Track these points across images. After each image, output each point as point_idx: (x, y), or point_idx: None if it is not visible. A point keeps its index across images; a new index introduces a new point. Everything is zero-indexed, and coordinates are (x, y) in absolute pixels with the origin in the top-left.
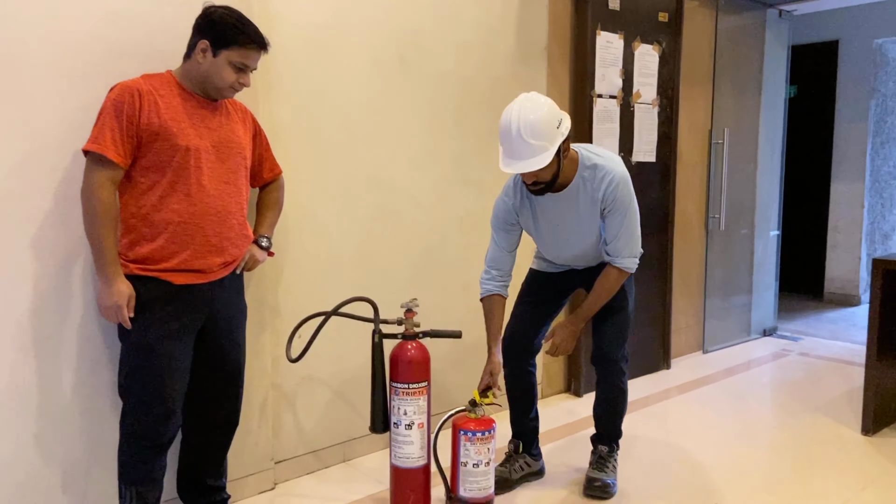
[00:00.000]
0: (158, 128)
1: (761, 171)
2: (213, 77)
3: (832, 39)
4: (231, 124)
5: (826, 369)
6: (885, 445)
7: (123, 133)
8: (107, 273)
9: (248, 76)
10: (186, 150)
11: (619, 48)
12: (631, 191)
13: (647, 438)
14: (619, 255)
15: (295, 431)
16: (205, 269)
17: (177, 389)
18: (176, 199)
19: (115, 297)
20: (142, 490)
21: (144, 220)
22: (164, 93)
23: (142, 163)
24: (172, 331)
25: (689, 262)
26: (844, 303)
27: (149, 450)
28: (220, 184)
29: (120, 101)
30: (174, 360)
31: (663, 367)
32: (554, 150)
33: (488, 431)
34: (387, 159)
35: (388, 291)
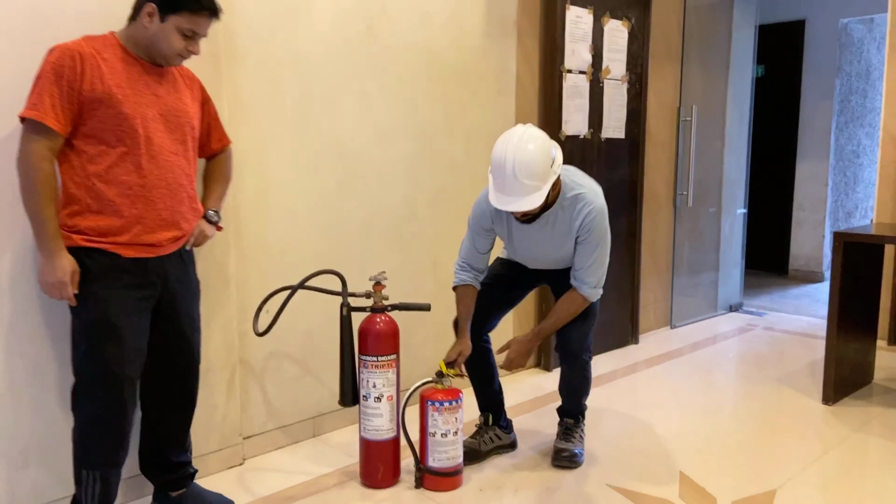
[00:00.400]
0: (102, 94)
1: (728, 150)
2: (160, 43)
3: (799, 19)
4: (178, 92)
5: (789, 342)
6: (844, 414)
7: (64, 99)
8: (49, 247)
9: (197, 44)
10: (133, 118)
11: (588, 23)
12: (607, 224)
13: (615, 410)
14: (585, 282)
15: (263, 406)
16: (155, 244)
17: (137, 365)
18: (124, 170)
19: (58, 273)
20: (105, 474)
21: (90, 191)
22: (107, 56)
23: (83, 130)
24: (130, 305)
25: (657, 239)
26: (808, 279)
27: (112, 432)
28: (170, 155)
29: (60, 66)
30: (133, 334)
31: (631, 342)
32: (547, 189)
33: (455, 401)
34: (353, 131)
35: (355, 266)
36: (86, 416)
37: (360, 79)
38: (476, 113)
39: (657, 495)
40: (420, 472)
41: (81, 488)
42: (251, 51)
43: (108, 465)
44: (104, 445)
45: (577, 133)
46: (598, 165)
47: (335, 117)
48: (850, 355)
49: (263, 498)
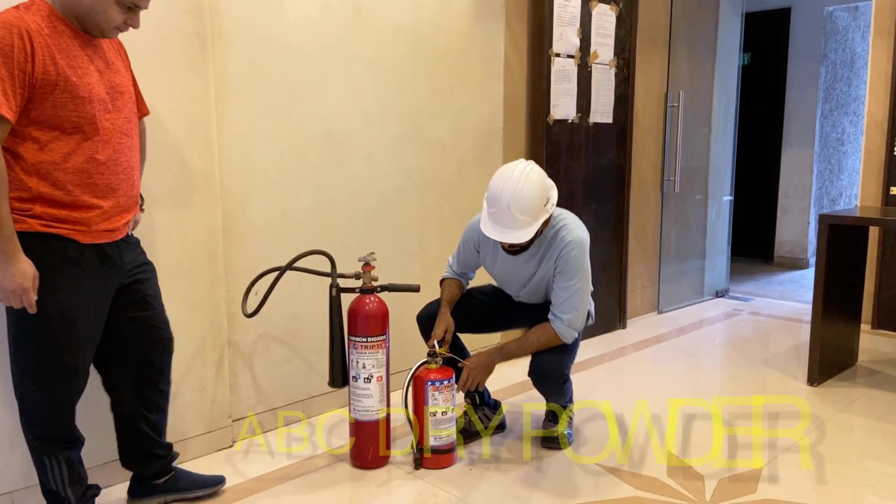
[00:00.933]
0: (56, 77)
1: (715, 136)
2: (97, 16)
3: (784, 7)
4: (115, 63)
5: (775, 327)
6: (828, 395)
7: (15, 83)
8: (6, 250)
9: (137, 17)
10: (90, 101)
11: (576, 7)
12: (587, 261)
13: (603, 392)
14: (559, 318)
15: (252, 388)
16: (113, 229)
17: (89, 354)
18: (82, 157)
19: (18, 279)
20: (70, 455)
21: (44, 179)
22: (50, 31)
23: (33, 115)
24: (87, 295)
25: (644, 225)
26: (793, 266)
27: (67, 419)
28: (121, 136)
29: (7, 45)
30: (90, 325)
31: (619, 326)
32: (537, 226)
33: (451, 379)
34: (340, 113)
35: (343, 247)
36: (40, 409)
37: (347, 60)
38: (464, 96)
39: (646, 474)
40: (420, 454)
41: (48, 475)
42: (237, 31)
43: (68, 448)
44: (62, 432)
45: (565, 117)
46: (585, 150)
47: (322, 99)
48: (835, 338)
49: (253, 479)
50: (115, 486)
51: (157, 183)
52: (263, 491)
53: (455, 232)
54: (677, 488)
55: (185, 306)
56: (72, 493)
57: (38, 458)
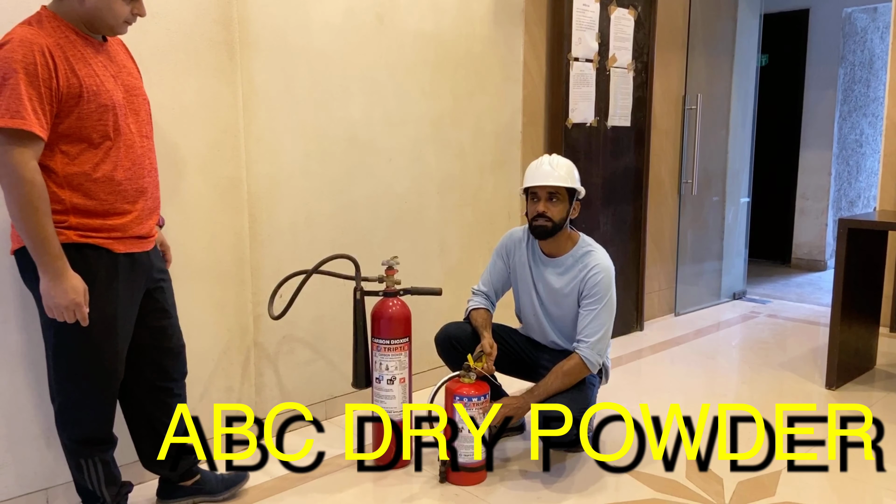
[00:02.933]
0: (79, 88)
1: (733, 138)
2: (104, 14)
3: (803, 8)
4: (126, 66)
5: (793, 329)
6: (847, 398)
7: (44, 102)
8: (55, 268)
9: (142, 4)
10: (113, 108)
11: (595, 11)
12: (613, 288)
13: (621, 394)
14: (585, 342)
15: (277, 389)
16: (143, 235)
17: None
18: (111, 164)
19: (71, 295)
20: (106, 457)
21: (76, 191)
22: (64, 42)
23: (61, 129)
24: (124, 301)
25: (662, 227)
26: (811, 268)
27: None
28: (142, 139)
29: (31, 63)
30: (126, 329)
31: (636, 328)
32: (573, 185)
33: (484, 396)
34: (362, 118)
35: (365, 252)
36: (79, 416)
37: (370, 66)
38: (484, 100)
39: (664, 476)
40: (445, 467)
41: (84, 475)
42: (265, 40)
43: (105, 450)
44: (100, 434)
45: (583, 121)
46: (603, 153)
47: (345, 104)
48: (853, 341)
49: (278, 478)
50: (146, 484)
51: (188, 188)
52: (288, 490)
53: (475, 234)
54: (696, 490)
55: (212, 308)
56: (107, 493)
57: (74, 459)
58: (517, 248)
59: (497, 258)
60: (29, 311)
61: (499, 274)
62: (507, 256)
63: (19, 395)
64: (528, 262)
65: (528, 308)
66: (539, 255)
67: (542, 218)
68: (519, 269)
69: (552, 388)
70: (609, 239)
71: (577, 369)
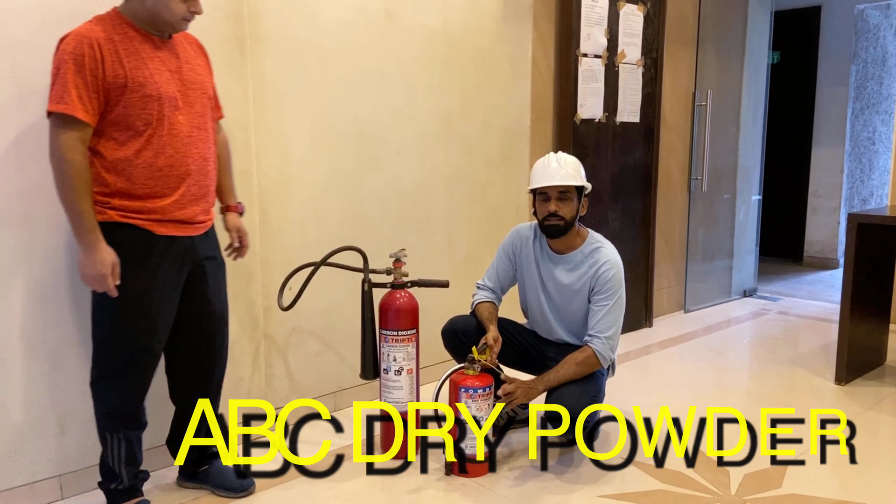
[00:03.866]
0: (125, 79)
1: (743, 135)
2: (162, 12)
3: (814, 5)
4: (191, 62)
5: (803, 326)
6: (856, 394)
7: (90, 89)
8: (87, 240)
9: (198, 2)
10: (159, 99)
11: (604, 7)
12: (622, 282)
13: (629, 388)
14: (599, 334)
15: (287, 380)
16: (186, 220)
17: (163, 338)
18: (152, 152)
19: (99, 266)
20: (130, 435)
21: (121, 175)
22: (120, 37)
23: (110, 117)
24: (160, 280)
25: (671, 224)
26: (823, 266)
27: (134, 400)
28: (193, 129)
29: (80, 55)
30: (163, 308)
31: (645, 325)
32: (580, 183)
33: (488, 388)
34: (371, 113)
35: (373, 245)
36: (108, 385)
37: (379, 62)
38: (492, 96)
39: (671, 468)
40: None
41: (107, 450)
42: (274, 35)
43: (130, 428)
44: (127, 411)
45: (592, 117)
46: (612, 149)
47: (354, 99)
48: (863, 337)
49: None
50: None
51: None
52: (297, 479)
53: (482, 229)
54: (702, 482)
55: None
56: (125, 473)
57: (101, 432)
58: (524, 244)
59: (503, 254)
60: (42, 299)
61: (504, 270)
62: (513, 253)
63: (34, 383)
64: (535, 259)
65: (534, 305)
66: (548, 252)
67: (554, 217)
68: (525, 266)
69: (564, 376)
70: (618, 235)
71: (590, 361)
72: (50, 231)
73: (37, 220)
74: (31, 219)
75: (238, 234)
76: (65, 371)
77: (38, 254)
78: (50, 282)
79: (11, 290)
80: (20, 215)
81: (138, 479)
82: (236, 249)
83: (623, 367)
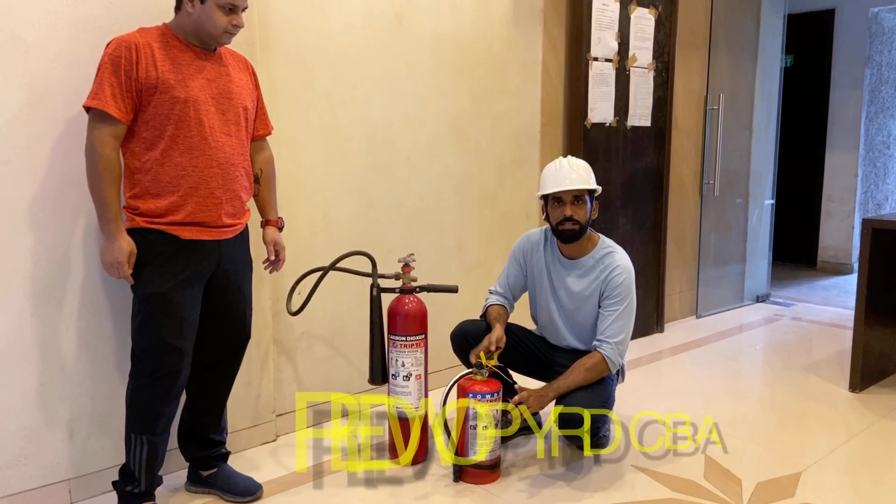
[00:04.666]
0: (156, 80)
1: (756, 139)
2: (206, 25)
3: (828, 8)
4: (231, 75)
5: (817, 332)
6: (871, 401)
7: (123, 88)
8: (109, 229)
9: (240, 17)
10: (185, 101)
11: (615, 11)
12: (633, 287)
13: (640, 394)
14: (607, 341)
15: (295, 385)
16: (210, 223)
17: (188, 337)
18: (178, 152)
19: (116, 254)
20: (153, 438)
21: (148, 174)
22: (159, 45)
23: (143, 117)
24: (183, 280)
25: (683, 229)
26: (837, 271)
27: (163, 397)
28: (222, 136)
29: (117, 56)
30: (185, 307)
31: (656, 330)
32: (591, 187)
33: (496, 393)
34: (381, 118)
35: (383, 249)
36: (137, 383)
37: (388, 67)
38: (502, 100)
39: (682, 476)
40: (459, 466)
41: (130, 451)
42: (285, 40)
43: (152, 431)
44: (151, 412)
45: (602, 121)
46: (623, 153)
47: (364, 104)
48: (878, 343)
49: (296, 473)
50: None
51: None
52: (305, 484)
53: (493, 233)
54: (714, 491)
55: None
56: (144, 477)
57: (127, 433)
58: (534, 250)
59: (513, 260)
60: (52, 304)
61: (515, 276)
62: (523, 259)
63: (44, 387)
64: (546, 265)
65: (544, 311)
66: (559, 257)
67: (569, 221)
68: (536, 273)
69: (573, 382)
70: (629, 239)
71: (600, 367)
72: (61, 235)
73: (48, 225)
74: (43, 223)
75: (275, 248)
76: (75, 375)
77: (49, 257)
78: (60, 286)
79: (22, 294)
80: (32, 220)
81: (153, 485)
82: (272, 263)
83: (633, 372)
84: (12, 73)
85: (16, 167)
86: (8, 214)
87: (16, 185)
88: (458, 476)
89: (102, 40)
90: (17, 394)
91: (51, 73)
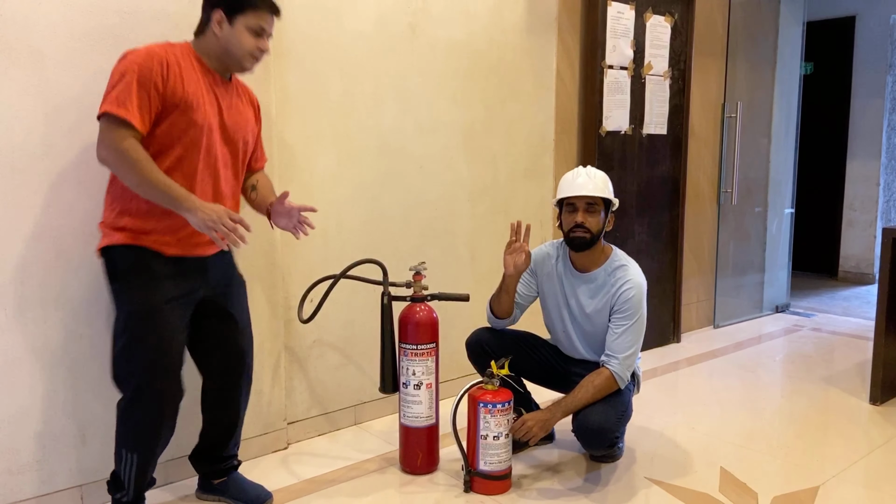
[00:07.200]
0: (180, 99)
1: (775, 148)
2: (233, 47)
3: (849, 15)
4: (241, 105)
5: (837, 343)
6: (892, 414)
7: (151, 102)
8: (187, 207)
9: (266, 41)
10: (200, 127)
11: (630, 19)
12: (644, 305)
13: (655, 405)
14: (615, 357)
15: (307, 393)
16: (197, 242)
17: (176, 356)
18: (180, 175)
19: (211, 214)
20: (145, 455)
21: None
22: (186, 64)
23: (155, 131)
24: (170, 298)
25: (700, 238)
26: (859, 281)
27: (156, 419)
28: (222, 167)
29: (147, 69)
30: (172, 326)
31: (673, 340)
32: (608, 196)
33: (507, 403)
34: (394, 126)
35: (395, 257)
36: (127, 402)
37: (401, 75)
38: (516, 109)
39: (697, 489)
40: (469, 476)
41: (120, 466)
42: (298, 49)
43: (144, 449)
44: (142, 431)
45: (617, 129)
46: (638, 161)
47: (377, 112)
48: None
49: (306, 481)
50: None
51: None
52: (315, 492)
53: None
54: None
55: None
56: (133, 488)
57: (118, 447)
58: (546, 261)
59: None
60: (64, 311)
61: (525, 286)
62: (533, 271)
63: (56, 394)
64: (557, 276)
65: (557, 324)
66: (571, 269)
67: (580, 229)
68: (547, 284)
69: (581, 401)
70: (644, 249)
71: (608, 384)
72: (73, 245)
73: (61, 234)
74: (56, 232)
75: (299, 209)
76: (86, 382)
77: (61, 266)
78: (72, 294)
79: (36, 301)
80: (44, 229)
81: (143, 491)
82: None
83: (649, 383)
84: (28, 83)
85: (31, 175)
86: (23, 222)
87: (31, 193)
88: (468, 486)
89: (117, 50)
90: (29, 400)
91: (66, 83)
